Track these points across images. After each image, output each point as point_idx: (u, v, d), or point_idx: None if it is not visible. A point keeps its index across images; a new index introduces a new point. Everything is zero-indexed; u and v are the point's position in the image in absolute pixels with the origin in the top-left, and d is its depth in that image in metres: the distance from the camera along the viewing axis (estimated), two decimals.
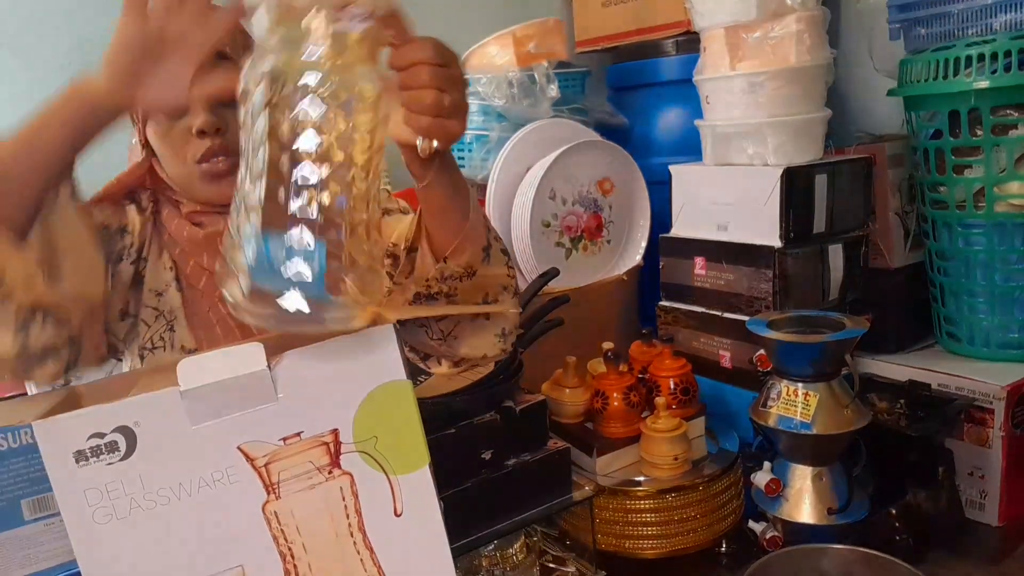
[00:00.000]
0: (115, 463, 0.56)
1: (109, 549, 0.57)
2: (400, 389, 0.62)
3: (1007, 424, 1.53)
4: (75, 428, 0.56)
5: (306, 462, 0.60)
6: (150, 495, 0.57)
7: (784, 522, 1.46)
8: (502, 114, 1.83)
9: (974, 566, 1.47)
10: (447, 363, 0.92)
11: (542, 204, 1.74)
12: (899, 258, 1.82)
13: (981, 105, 1.54)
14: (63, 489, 0.56)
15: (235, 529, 0.59)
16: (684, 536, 1.47)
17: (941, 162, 1.65)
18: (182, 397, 0.57)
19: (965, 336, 1.71)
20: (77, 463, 0.56)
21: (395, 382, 0.62)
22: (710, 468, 1.51)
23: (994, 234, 1.61)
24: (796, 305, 1.61)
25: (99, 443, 0.56)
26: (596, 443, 1.52)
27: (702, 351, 1.76)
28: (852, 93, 2.03)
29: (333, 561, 0.62)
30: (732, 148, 1.69)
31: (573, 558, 1.52)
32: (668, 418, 1.49)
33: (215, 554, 0.59)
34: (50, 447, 0.55)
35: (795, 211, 1.60)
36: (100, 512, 0.56)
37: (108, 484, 0.56)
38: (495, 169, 1.76)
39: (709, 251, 1.72)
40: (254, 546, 0.60)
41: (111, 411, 0.56)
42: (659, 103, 2.06)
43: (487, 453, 1.36)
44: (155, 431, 0.57)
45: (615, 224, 1.89)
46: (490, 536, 1.36)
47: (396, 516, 0.63)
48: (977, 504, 1.60)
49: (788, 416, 1.42)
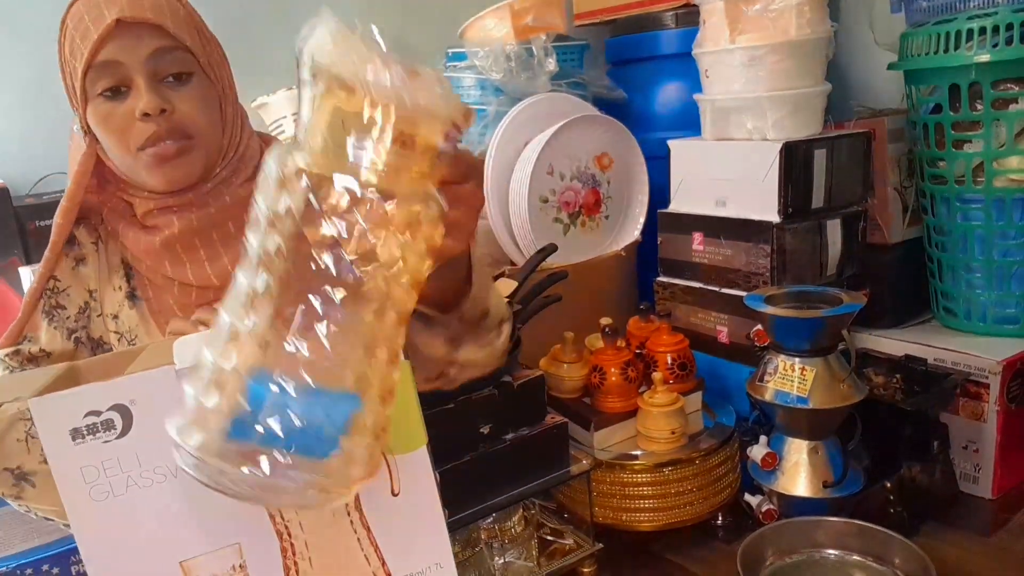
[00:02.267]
0: (111, 441, 0.56)
1: (106, 526, 0.58)
2: None
3: (1002, 398, 1.54)
4: (71, 406, 0.56)
5: None
6: (147, 473, 0.58)
7: (780, 495, 1.47)
8: (499, 88, 1.81)
9: (967, 538, 1.49)
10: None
11: (540, 180, 1.74)
12: (897, 233, 1.82)
13: (982, 79, 1.53)
14: (60, 467, 0.56)
15: (232, 507, 0.59)
16: (681, 509, 1.49)
17: (941, 137, 1.64)
18: (178, 376, 0.57)
19: (962, 311, 1.71)
20: (73, 441, 0.56)
21: None
22: (707, 442, 1.52)
23: (992, 209, 1.60)
24: (794, 280, 1.61)
25: (95, 421, 0.56)
26: (594, 418, 1.53)
27: (700, 326, 1.76)
28: (852, 67, 2.02)
29: (330, 539, 0.62)
30: (731, 122, 1.68)
31: (571, 531, 1.54)
32: (665, 393, 1.49)
33: (212, 532, 0.60)
34: (46, 425, 0.55)
35: (794, 186, 1.59)
36: (97, 490, 0.57)
37: (104, 462, 0.57)
38: (492, 144, 1.75)
39: (707, 226, 1.72)
40: (251, 524, 0.60)
41: (107, 389, 0.56)
42: (658, 77, 2.04)
43: (485, 428, 1.37)
44: (151, 409, 0.57)
45: (613, 200, 1.89)
46: (488, 509, 1.37)
47: (393, 495, 0.64)
48: (971, 477, 1.61)
49: (785, 391, 1.43)
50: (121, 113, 0.78)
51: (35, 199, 1.52)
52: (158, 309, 0.84)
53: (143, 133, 0.78)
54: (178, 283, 0.83)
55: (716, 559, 1.48)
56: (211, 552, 0.60)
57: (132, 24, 0.76)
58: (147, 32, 0.77)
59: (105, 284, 0.84)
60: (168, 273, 0.83)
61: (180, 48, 0.79)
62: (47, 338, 0.82)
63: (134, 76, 0.77)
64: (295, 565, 0.62)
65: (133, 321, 0.83)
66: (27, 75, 1.58)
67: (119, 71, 0.77)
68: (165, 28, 0.78)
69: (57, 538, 1.12)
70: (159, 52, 0.78)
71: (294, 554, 0.62)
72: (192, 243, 0.82)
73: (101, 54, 0.76)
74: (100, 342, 0.84)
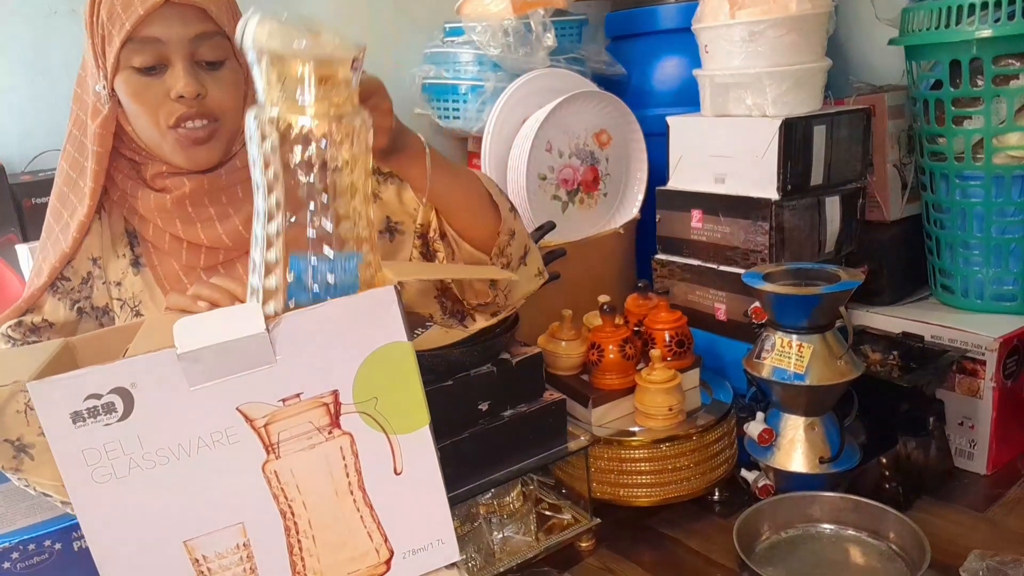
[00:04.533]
0: (113, 424, 0.57)
1: (109, 508, 0.58)
2: (401, 351, 0.63)
3: (998, 375, 1.55)
4: (72, 389, 0.56)
5: (306, 422, 0.61)
6: (149, 455, 0.58)
7: (776, 471, 1.48)
8: (497, 63, 1.79)
9: (961, 513, 1.51)
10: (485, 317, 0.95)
11: (538, 157, 1.73)
12: (896, 210, 1.82)
13: (983, 54, 1.52)
14: (61, 449, 0.56)
15: (235, 488, 0.60)
16: (678, 485, 1.50)
17: (941, 113, 1.63)
18: (179, 359, 0.57)
19: (959, 288, 1.71)
20: (74, 424, 0.56)
21: (396, 343, 0.62)
22: (704, 418, 1.53)
23: (992, 186, 1.60)
24: (792, 258, 1.61)
25: (96, 404, 0.56)
26: (592, 394, 1.53)
27: (698, 304, 1.77)
28: (852, 42, 2.00)
29: (333, 518, 0.63)
30: (731, 99, 1.67)
31: (569, 506, 1.56)
32: (663, 370, 1.50)
33: (215, 511, 0.60)
34: (46, 408, 0.56)
35: (793, 163, 1.59)
36: (99, 472, 0.57)
37: (107, 445, 0.57)
38: (491, 120, 1.74)
39: (706, 204, 1.71)
40: (254, 504, 0.61)
41: (108, 372, 0.56)
42: (658, 52, 2.02)
43: (484, 404, 1.38)
44: (153, 392, 0.57)
45: (612, 177, 1.88)
46: (487, 485, 1.38)
47: (396, 474, 0.64)
48: (966, 453, 1.63)
49: (782, 367, 1.43)
50: (155, 90, 0.78)
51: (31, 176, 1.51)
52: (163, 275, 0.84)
53: (175, 112, 0.79)
54: (187, 244, 0.83)
55: (712, 534, 1.50)
56: (215, 531, 0.61)
57: (179, 5, 0.77)
58: (192, 15, 0.78)
59: (109, 252, 0.84)
60: (179, 233, 0.83)
61: (220, 34, 0.80)
62: (50, 309, 0.82)
63: (173, 56, 0.78)
64: (299, 543, 0.63)
65: (137, 287, 0.83)
66: (24, 52, 1.56)
67: (159, 49, 0.77)
68: (209, 13, 0.79)
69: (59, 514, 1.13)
70: (201, 36, 0.79)
71: (298, 532, 0.63)
72: (202, 202, 0.83)
73: (144, 29, 0.76)
74: (104, 310, 0.84)
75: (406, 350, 0.63)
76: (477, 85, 1.81)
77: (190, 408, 0.58)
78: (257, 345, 0.58)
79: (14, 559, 1.08)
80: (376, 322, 0.61)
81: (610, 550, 1.49)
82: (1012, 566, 1.25)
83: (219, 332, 0.57)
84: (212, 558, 0.61)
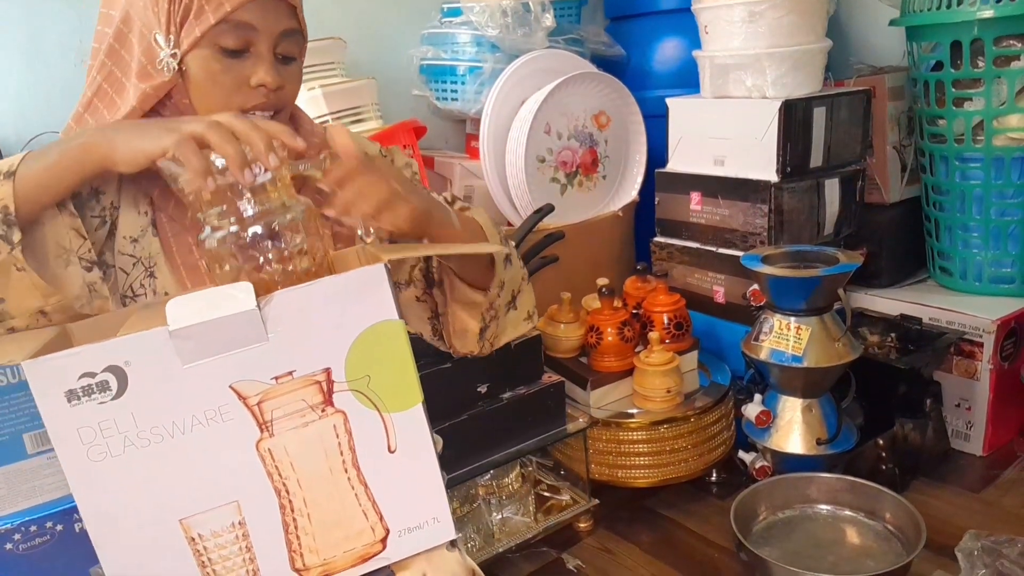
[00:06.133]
0: (107, 402, 0.57)
1: (105, 486, 0.58)
2: (392, 329, 0.63)
3: (995, 357, 1.55)
4: (66, 368, 0.56)
5: (299, 400, 0.61)
6: (143, 433, 0.58)
7: (774, 452, 1.49)
8: (496, 44, 1.78)
9: (957, 494, 1.52)
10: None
11: (537, 139, 1.72)
12: (895, 193, 1.81)
13: (984, 35, 1.51)
14: (56, 428, 0.56)
15: (229, 466, 0.60)
16: (675, 466, 1.51)
17: (941, 95, 1.62)
18: (171, 336, 0.57)
19: (958, 270, 1.71)
20: (69, 402, 0.56)
21: (387, 322, 0.62)
22: (702, 400, 1.53)
23: (991, 168, 1.59)
24: (791, 240, 1.60)
25: (90, 383, 0.56)
26: (590, 377, 1.54)
27: (696, 286, 1.77)
28: (853, 23, 1.99)
29: (327, 497, 0.63)
30: (730, 80, 1.66)
31: (567, 487, 1.57)
32: (661, 352, 1.50)
33: (210, 490, 0.61)
34: (41, 387, 0.56)
35: (792, 145, 1.58)
36: (95, 450, 0.57)
37: (101, 423, 0.57)
38: (489, 102, 1.73)
39: (705, 186, 1.71)
40: (249, 482, 0.61)
41: (101, 350, 0.56)
42: (657, 33, 2.01)
43: (483, 387, 1.38)
44: (146, 370, 0.57)
45: (611, 159, 1.87)
46: (487, 466, 1.39)
47: (390, 453, 0.64)
48: (963, 435, 1.63)
49: (780, 349, 1.44)
50: (235, 73, 0.78)
51: None
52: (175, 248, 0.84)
53: (252, 100, 0.79)
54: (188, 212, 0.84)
55: (710, 514, 1.51)
56: (210, 510, 0.61)
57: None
58: (284, 9, 0.80)
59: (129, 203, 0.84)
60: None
61: (300, 32, 0.82)
62: None
63: (261, 46, 0.78)
64: (294, 522, 0.63)
65: (154, 249, 0.83)
66: (21, 34, 1.55)
67: (251, 35, 0.78)
68: (297, 11, 0.81)
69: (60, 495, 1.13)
70: (289, 32, 0.80)
71: (293, 511, 0.63)
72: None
73: (242, 13, 0.76)
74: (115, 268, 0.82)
75: (398, 328, 0.63)
76: (475, 66, 1.80)
77: (183, 386, 0.58)
78: (248, 322, 0.58)
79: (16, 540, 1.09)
80: (367, 300, 0.61)
81: (608, 530, 1.50)
82: (1007, 545, 1.25)
83: (210, 309, 0.57)
84: (208, 536, 0.61)
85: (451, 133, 2.03)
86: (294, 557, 0.64)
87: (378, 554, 0.66)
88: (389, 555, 0.66)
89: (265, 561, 0.63)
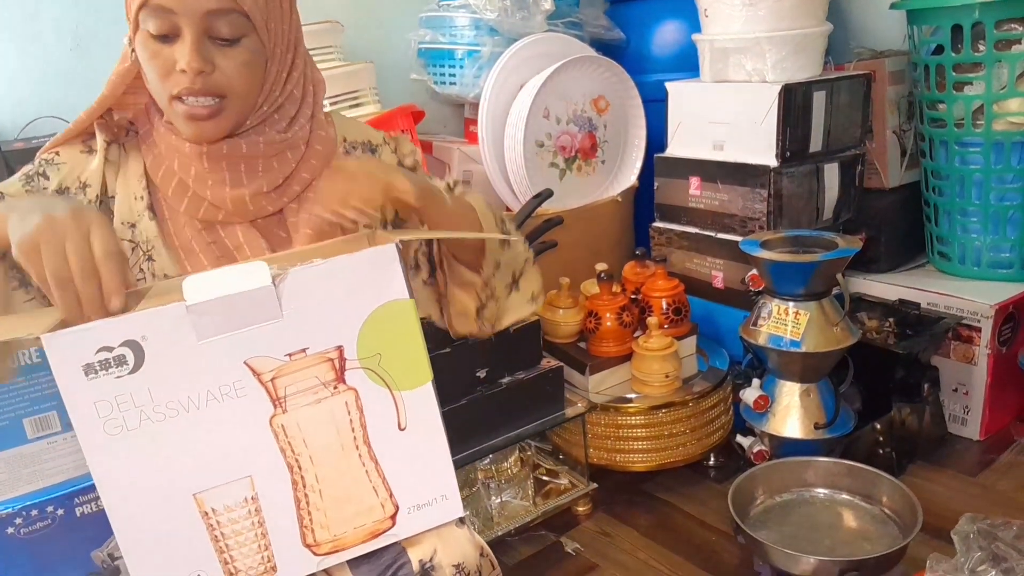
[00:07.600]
0: (124, 376, 0.57)
1: (121, 459, 0.58)
2: (403, 308, 0.63)
3: (993, 342, 1.56)
4: (84, 341, 0.56)
5: (312, 377, 0.61)
6: (159, 408, 0.58)
7: (771, 437, 1.50)
8: (494, 28, 1.77)
9: (954, 478, 1.53)
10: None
11: (536, 123, 1.72)
12: (895, 177, 1.81)
13: (985, 19, 1.51)
14: (74, 402, 0.56)
15: (243, 441, 0.60)
16: (674, 450, 1.51)
17: (941, 79, 1.62)
18: (188, 311, 0.57)
19: (957, 255, 1.72)
20: (86, 376, 0.56)
21: (398, 301, 0.62)
22: (700, 385, 1.54)
23: (991, 152, 1.60)
24: (790, 225, 1.61)
25: (108, 356, 0.56)
26: (589, 362, 1.54)
27: (695, 272, 1.77)
28: (853, 7, 1.98)
29: (339, 472, 0.63)
30: (730, 64, 1.65)
31: (566, 471, 1.57)
32: (660, 337, 1.50)
33: (224, 464, 0.61)
34: (59, 360, 0.56)
35: (792, 129, 1.58)
36: (111, 424, 0.57)
37: (118, 397, 0.57)
38: (487, 87, 1.72)
39: (704, 171, 1.71)
40: (262, 457, 0.61)
41: (118, 324, 0.56)
42: (657, 17, 2.00)
43: (482, 371, 1.38)
44: (162, 345, 0.57)
45: (610, 144, 1.87)
46: (486, 450, 1.39)
47: (400, 430, 0.65)
48: (960, 419, 1.64)
49: (778, 334, 1.44)
50: (164, 58, 0.77)
51: (24, 143, 1.49)
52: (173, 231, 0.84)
53: (179, 84, 0.77)
54: (192, 192, 0.83)
55: (708, 498, 1.52)
56: (223, 484, 0.61)
57: None
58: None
59: (124, 189, 0.83)
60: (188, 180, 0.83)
61: (236, 11, 0.78)
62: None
63: (184, 29, 0.77)
64: (306, 497, 0.63)
65: (152, 232, 0.82)
66: (15, 18, 1.54)
67: (171, 19, 0.76)
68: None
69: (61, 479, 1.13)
70: (214, 13, 0.77)
71: (305, 486, 0.63)
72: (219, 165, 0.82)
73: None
74: None
75: (408, 307, 0.63)
76: (473, 50, 1.79)
77: (199, 361, 0.58)
78: (264, 298, 0.58)
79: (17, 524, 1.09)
80: (378, 279, 0.62)
81: (607, 514, 1.51)
82: (1002, 528, 1.26)
83: (227, 285, 0.57)
84: (221, 511, 0.61)
85: (449, 117, 2.03)
86: (305, 532, 0.64)
87: (388, 530, 0.67)
88: (398, 532, 0.67)
89: (277, 536, 0.63)
